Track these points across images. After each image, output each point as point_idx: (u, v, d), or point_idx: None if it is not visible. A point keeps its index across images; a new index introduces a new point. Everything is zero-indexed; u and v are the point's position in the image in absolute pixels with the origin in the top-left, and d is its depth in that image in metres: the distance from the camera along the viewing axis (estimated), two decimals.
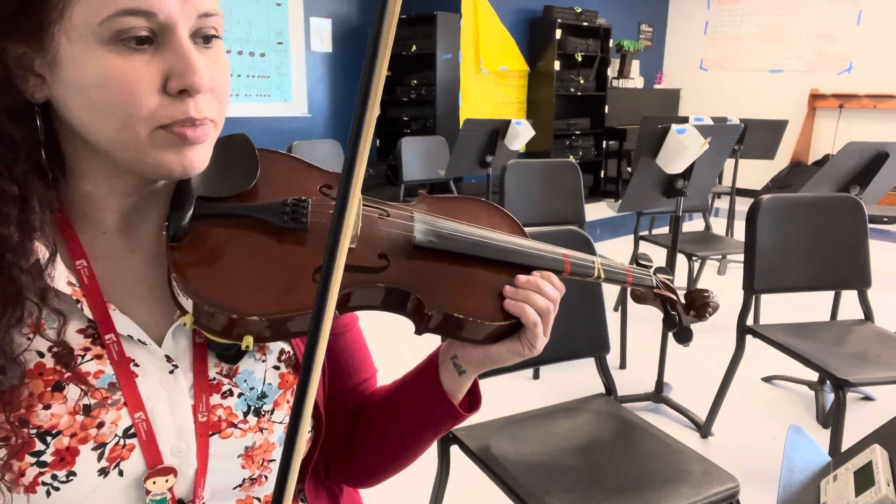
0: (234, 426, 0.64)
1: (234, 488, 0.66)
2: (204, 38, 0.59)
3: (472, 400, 0.78)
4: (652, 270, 0.84)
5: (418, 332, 0.66)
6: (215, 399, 0.64)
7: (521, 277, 0.69)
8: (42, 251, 0.58)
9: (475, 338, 0.68)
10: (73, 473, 0.57)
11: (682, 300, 0.84)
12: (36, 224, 0.57)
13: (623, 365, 3.01)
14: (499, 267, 0.70)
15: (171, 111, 0.56)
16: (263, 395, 0.67)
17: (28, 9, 0.54)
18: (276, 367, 0.69)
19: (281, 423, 0.67)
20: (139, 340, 0.61)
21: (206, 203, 0.63)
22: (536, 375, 2.87)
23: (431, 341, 0.78)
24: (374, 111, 0.37)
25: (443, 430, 0.76)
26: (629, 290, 0.84)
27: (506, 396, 2.60)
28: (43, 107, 0.59)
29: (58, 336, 0.58)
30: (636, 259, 0.86)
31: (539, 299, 0.67)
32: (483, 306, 0.67)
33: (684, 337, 0.85)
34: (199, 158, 0.60)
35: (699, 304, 0.83)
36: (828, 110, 7.27)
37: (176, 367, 0.63)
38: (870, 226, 2.24)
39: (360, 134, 0.37)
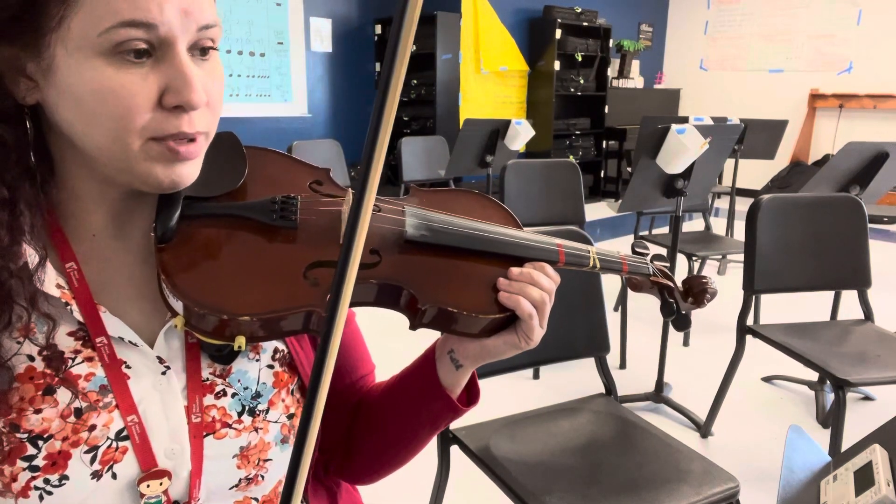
0: (229, 426, 0.64)
1: (231, 489, 0.65)
2: (201, 49, 0.58)
3: (471, 394, 0.77)
4: (648, 258, 0.83)
5: (413, 327, 0.65)
6: (209, 400, 0.64)
7: (515, 269, 0.68)
8: (32, 255, 0.57)
9: (470, 331, 0.67)
10: (66, 477, 0.57)
11: (680, 287, 0.83)
12: (25, 228, 0.57)
13: (623, 365, 3.01)
14: (492, 259, 0.69)
15: (164, 125, 0.56)
16: (258, 395, 0.66)
17: (25, 15, 0.53)
18: (271, 366, 0.68)
19: (276, 422, 0.67)
20: (130, 342, 0.61)
21: (194, 203, 0.62)
22: (536, 375, 2.87)
23: (430, 337, 0.78)
24: (390, 120, 0.36)
25: (441, 425, 0.76)
26: (626, 279, 0.83)
27: (506, 396, 2.60)
28: (32, 109, 0.58)
29: (47, 340, 0.58)
30: (632, 247, 0.85)
31: (534, 291, 0.67)
32: (477, 300, 0.66)
33: (682, 324, 0.84)
34: (188, 174, 0.60)
35: (697, 291, 0.82)
36: (828, 110, 7.27)
37: (168, 368, 0.63)
38: (870, 226, 2.24)
39: (374, 147, 0.36)
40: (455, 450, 1.49)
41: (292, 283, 0.59)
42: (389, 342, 1.68)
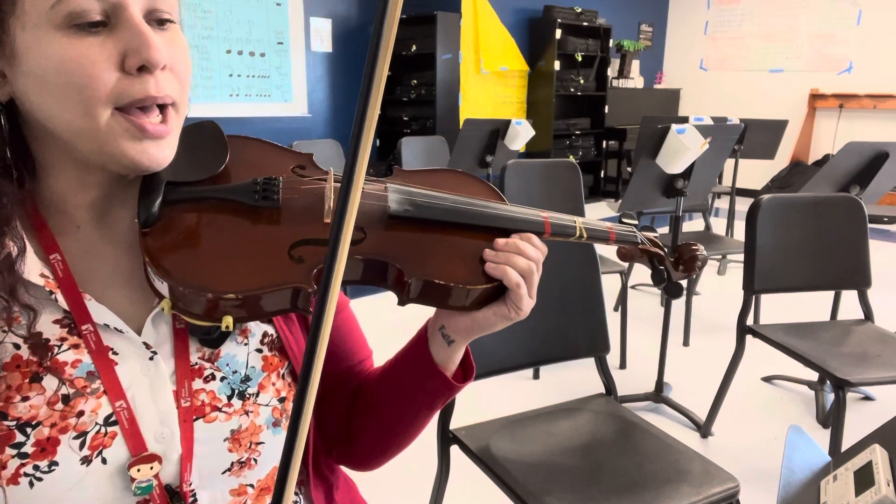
0: (219, 410, 0.65)
1: (223, 473, 0.66)
2: (158, 21, 0.59)
3: (466, 370, 0.78)
4: (637, 227, 0.83)
5: (401, 302, 0.66)
6: (198, 384, 0.65)
7: (500, 240, 0.69)
8: (11, 247, 0.58)
9: (459, 304, 0.68)
10: (56, 463, 0.57)
11: (670, 256, 0.84)
12: (3, 222, 0.58)
13: (623, 365, 3.01)
14: (478, 232, 0.70)
15: (129, 90, 0.57)
16: (247, 378, 0.67)
17: None
18: (259, 350, 0.69)
19: (267, 405, 0.68)
20: (116, 329, 0.62)
21: (176, 188, 0.63)
22: (536, 375, 2.87)
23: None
24: (376, 106, 0.37)
25: (439, 403, 0.77)
26: (616, 249, 0.84)
27: (506, 396, 2.61)
28: (7, 106, 0.59)
29: (28, 330, 0.59)
30: (619, 217, 0.86)
31: (520, 260, 0.67)
32: (463, 271, 0.67)
33: (674, 292, 0.84)
34: (163, 154, 0.61)
35: (687, 258, 0.83)
36: (828, 110, 7.27)
37: (156, 353, 0.63)
38: (870, 226, 2.24)
39: (360, 133, 0.37)
40: (455, 450, 1.49)
41: (277, 261, 0.60)
42: (384, 342, 1.68)
